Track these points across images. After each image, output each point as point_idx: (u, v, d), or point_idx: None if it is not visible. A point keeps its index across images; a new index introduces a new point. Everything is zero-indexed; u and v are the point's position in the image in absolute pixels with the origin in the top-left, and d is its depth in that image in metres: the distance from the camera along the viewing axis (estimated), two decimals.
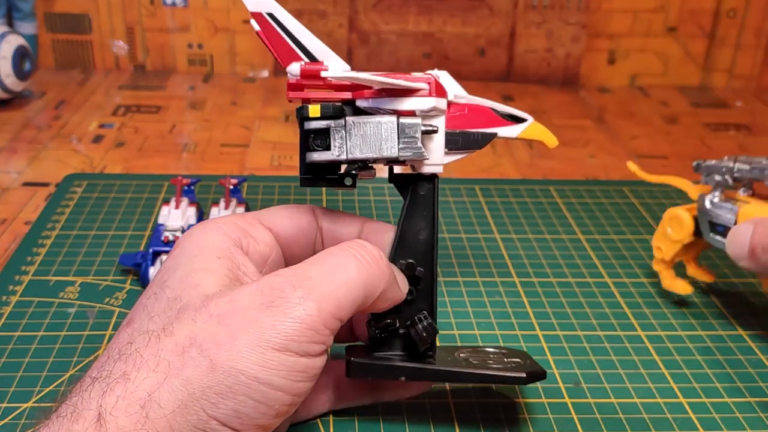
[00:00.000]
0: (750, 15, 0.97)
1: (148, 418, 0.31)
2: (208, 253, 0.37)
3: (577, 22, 0.96)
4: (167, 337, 0.33)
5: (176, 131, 0.81)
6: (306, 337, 0.33)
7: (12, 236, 0.60)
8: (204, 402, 0.32)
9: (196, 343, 0.32)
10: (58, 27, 0.95)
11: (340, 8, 0.94)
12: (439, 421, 0.43)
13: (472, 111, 0.40)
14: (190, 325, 0.33)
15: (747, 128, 0.88)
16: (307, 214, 0.41)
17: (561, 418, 0.43)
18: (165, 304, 0.35)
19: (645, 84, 1.00)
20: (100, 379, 0.32)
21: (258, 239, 0.39)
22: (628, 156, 0.79)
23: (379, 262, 0.36)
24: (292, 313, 0.33)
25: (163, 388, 0.31)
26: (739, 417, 0.44)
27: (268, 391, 0.32)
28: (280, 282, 0.34)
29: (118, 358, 0.33)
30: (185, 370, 0.32)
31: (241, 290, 0.34)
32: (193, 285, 0.35)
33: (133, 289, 0.53)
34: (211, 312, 0.33)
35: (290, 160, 0.75)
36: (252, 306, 0.33)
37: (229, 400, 0.32)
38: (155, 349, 0.32)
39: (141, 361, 0.32)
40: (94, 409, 0.31)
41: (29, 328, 0.49)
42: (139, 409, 0.31)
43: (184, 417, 0.31)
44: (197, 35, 0.96)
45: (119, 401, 0.31)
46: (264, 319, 0.33)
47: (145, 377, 0.32)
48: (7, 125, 0.80)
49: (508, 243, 0.61)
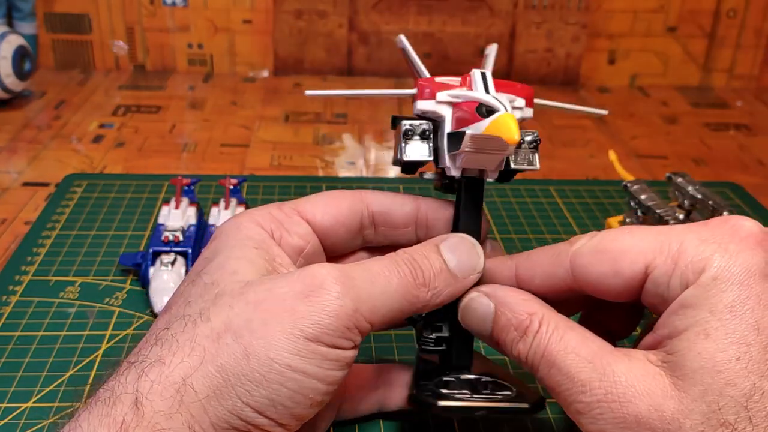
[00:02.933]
0: (750, 15, 0.97)
1: (182, 402, 0.31)
2: (245, 244, 0.36)
3: (577, 22, 0.96)
4: (203, 322, 0.33)
5: (176, 131, 0.81)
6: (338, 333, 0.33)
7: (12, 236, 0.60)
8: (239, 389, 0.32)
9: (231, 329, 0.32)
10: (58, 27, 0.95)
11: (340, 8, 0.94)
12: (439, 421, 0.42)
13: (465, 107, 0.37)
14: (226, 311, 0.33)
15: (747, 128, 0.88)
16: (350, 201, 0.40)
17: (561, 418, 0.43)
18: (202, 288, 0.34)
19: (645, 84, 1.00)
20: (137, 363, 0.32)
21: (292, 231, 0.38)
22: (628, 156, 0.79)
23: (420, 286, 0.35)
24: (328, 306, 0.33)
25: (197, 373, 0.31)
26: None
27: (302, 379, 0.32)
28: (323, 275, 0.33)
29: (155, 342, 0.33)
30: (220, 356, 0.32)
31: (281, 278, 0.34)
32: (230, 272, 0.35)
33: (133, 289, 0.53)
34: (249, 299, 0.33)
35: (290, 160, 0.75)
36: (290, 294, 0.33)
37: (263, 389, 0.32)
38: (191, 334, 0.32)
39: (176, 345, 0.32)
40: (131, 392, 0.31)
41: (29, 328, 0.49)
42: (174, 393, 0.31)
43: (219, 402, 0.32)
44: (197, 35, 0.96)
45: (154, 385, 0.31)
46: (300, 308, 0.32)
47: (180, 362, 0.32)
48: (7, 125, 0.80)
49: (508, 243, 0.61)
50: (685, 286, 0.32)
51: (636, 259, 0.33)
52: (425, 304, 0.36)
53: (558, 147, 0.81)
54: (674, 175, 0.51)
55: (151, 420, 0.30)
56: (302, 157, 0.76)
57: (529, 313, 0.35)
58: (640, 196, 0.50)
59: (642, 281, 0.34)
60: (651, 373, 0.32)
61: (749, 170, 0.77)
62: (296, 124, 0.84)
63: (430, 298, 0.36)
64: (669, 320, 0.32)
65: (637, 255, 0.33)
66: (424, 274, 0.36)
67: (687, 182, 0.50)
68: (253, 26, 0.96)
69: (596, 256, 0.35)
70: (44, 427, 0.41)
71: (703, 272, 0.32)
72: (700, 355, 0.30)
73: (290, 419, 0.33)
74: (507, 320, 0.36)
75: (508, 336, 0.35)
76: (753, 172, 0.77)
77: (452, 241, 0.37)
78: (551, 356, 0.33)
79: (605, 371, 0.32)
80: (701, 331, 0.31)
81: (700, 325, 0.31)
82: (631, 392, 0.31)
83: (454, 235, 0.38)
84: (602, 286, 0.35)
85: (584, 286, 0.35)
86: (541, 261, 0.37)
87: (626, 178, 0.54)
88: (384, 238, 0.41)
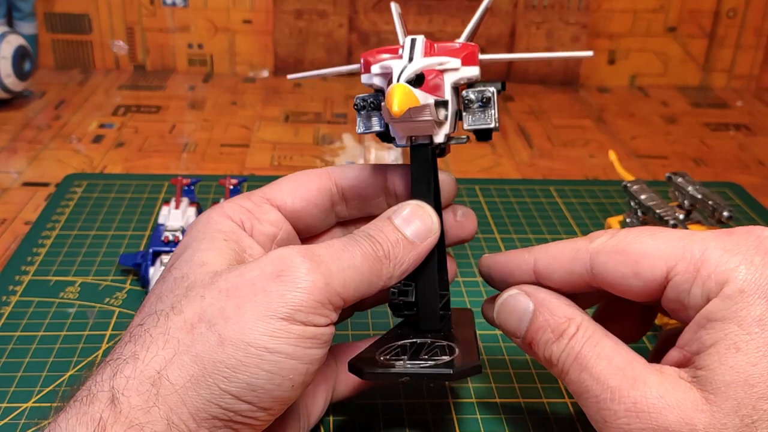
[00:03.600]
0: (750, 15, 0.97)
1: (159, 395, 0.31)
2: (214, 237, 0.36)
3: (577, 22, 0.96)
4: (176, 315, 0.33)
5: (176, 131, 0.81)
6: (312, 309, 0.33)
7: (12, 236, 0.60)
8: (217, 376, 0.31)
9: (205, 318, 0.32)
10: (58, 27, 0.95)
11: (340, 8, 0.95)
12: (439, 420, 0.43)
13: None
14: (198, 302, 0.33)
15: (747, 128, 0.88)
16: (318, 180, 0.40)
17: (561, 418, 0.43)
18: (172, 283, 0.35)
19: (645, 84, 1.00)
20: (112, 361, 0.32)
21: (263, 219, 0.39)
22: (629, 156, 0.79)
23: (382, 259, 0.36)
24: (300, 283, 0.33)
25: (172, 365, 0.31)
26: None
27: (279, 360, 0.32)
28: (290, 254, 0.33)
29: (129, 340, 0.33)
30: (195, 346, 0.32)
31: (251, 264, 0.34)
32: (199, 264, 0.35)
33: (133, 289, 0.53)
34: (220, 287, 0.33)
35: (290, 160, 0.75)
36: (260, 277, 0.33)
37: (241, 374, 0.32)
38: (164, 327, 0.32)
39: (150, 340, 0.32)
40: (107, 390, 0.31)
41: (29, 328, 0.49)
42: (150, 387, 0.31)
43: (197, 392, 0.31)
44: (197, 35, 0.96)
45: (129, 381, 0.31)
46: (272, 289, 0.32)
47: (153, 356, 0.32)
48: (7, 125, 0.80)
49: (508, 243, 0.61)
50: (707, 295, 0.32)
51: (657, 264, 0.33)
52: (390, 276, 0.36)
53: (558, 147, 0.81)
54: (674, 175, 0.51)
55: (129, 415, 0.30)
56: (302, 157, 0.76)
57: (568, 318, 0.35)
58: (640, 196, 0.50)
59: (662, 285, 0.34)
60: (682, 386, 0.32)
61: (749, 170, 0.77)
62: (296, 124, 0.84)
63: (394, 269, 0.36)
64: (696, 335, 0.32)
65: (658, 259, 0.33)
66: (383, 247, 0.36)
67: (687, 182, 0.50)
68: (253, 26, 0.96)
69: (617, 256, 0.35)
70: (44, 427, 0.41)
71: (726, 283, 0.31)
72: (731, 369, 0.30)
73: (272, 403, 0.33)
74: (545, 321, 0.36)
75: (543, 336, 0.36)
76: (753, 172, 0.77)
77: (403, 210, 0.37)
78: (584, 360, 0.34)
79: (636, 380, 0.32)
80: (731, 345, 0.31)
81: (730, 338, 0.31)
82: (662, 404, 0.31)
83: (404, 204, 0.38)
84: (622, 286, 0.35)
85: (603, 284, 0.35)
86: (560, 256, 0.37)
87: (626, 178, 0.54)
88: (357, 211, 0.41)
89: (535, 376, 0.46)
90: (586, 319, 0.35)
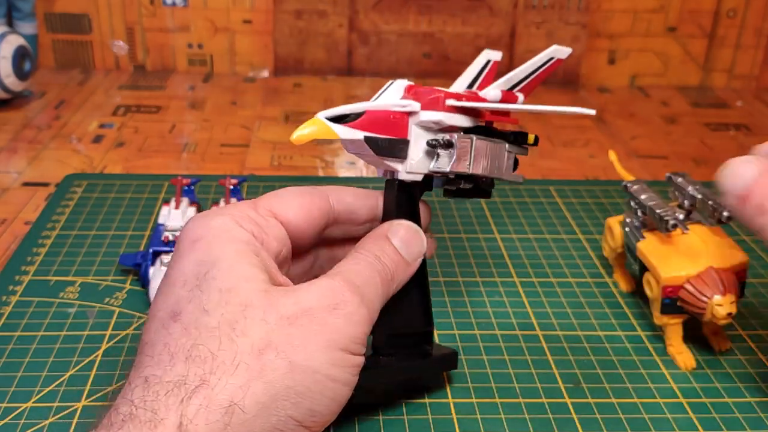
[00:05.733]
0: (750, 15, 0.97)
1: (229, 425, 0.31)
2: (243, 249, 0.36)
3: (577, 22, 0.96)
4: (239, 337, 0.33)
5: (176, 131, 0.81)
6: (360, 340, 0.36)
7: (12, 236, 0.60)
8: (284, 402, 0.33)
9: (272, 345, 0.33)
10: (58, 27, 0.95)
11: (340, 8, 0.94)
12: (440, 420, 0.43)
13: None
14: (262, 326, 0.33)
15: (747, 128, 0.88)
16: (319, 202, 0.41)
17: (561, 418, 0.43)
18: (218, 296, 0.34)
19: (645, 84, 1.00)
20: (176, 384, 0.32)
21: (271, 235, 0.39)
22: (629, 156, 0.79)
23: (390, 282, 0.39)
24: (353, 317, 0.35)
25: (245, 393, 0.32)
26: (739, 417, 0.44)
27: (338, 387, 0.34)
28: (340, 287, 0.36)
29: (186, 359, 0.32)
30: (265, 373, 0.32)
31: (303, 292, 0.35)
32: (244, 278, 0.35)
33: (133, 289, 0.53)
34: (281, 313, 0.34)
35: (290, 160, 0.75)
36: (318, 308, 0.35)
37: (306, 400, 0.33)
38: (230, 351, 0.33)
39: (216, 364, 0.32)
40: (174, 417, 0.31)
41: (29, 328, 0.49)
42: (221, 416, 0.31)
43: (265, 419, 0.32)
44: (197, 35, 0.96)
45: (200, 410, 0.31)
46: (330, 321, 0.34)
47: (225, 384, 0.32)
48: (7, 125, 0.80)
49: (508, 243, 0.61)
50: None
51: None
52: (390, 294, 0.39)
53: (558, 147, 0.81)
54: (674, 175, 0.51)
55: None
56: (302, 157, 0.76)
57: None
58: (640, 196, 0.50)
59: None
60: None
61: None
62: (296, 124, 0.83)
63: (395, 288, 0.39)
64: None
65: None
66: (390, 270, 0.39)
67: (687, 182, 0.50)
68: (253, 26, 0.96)
69: None
70: (44, 427, 0.41)
71: None
72: None
73: (320, 427, 0.35)
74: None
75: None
76: None
77: (398, 230, 0.40)
78: None
79: None
80: None
81: None
82: None
83: (398, 224, 0.40)
84: None
85: None
86: None
87: (626, 178, 0.54)
88: (342, 233, 0.42)
89: (535, 376, 0.46)
90: None
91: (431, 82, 0.48)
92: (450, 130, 0.41)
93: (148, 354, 0.34)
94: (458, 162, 0.40)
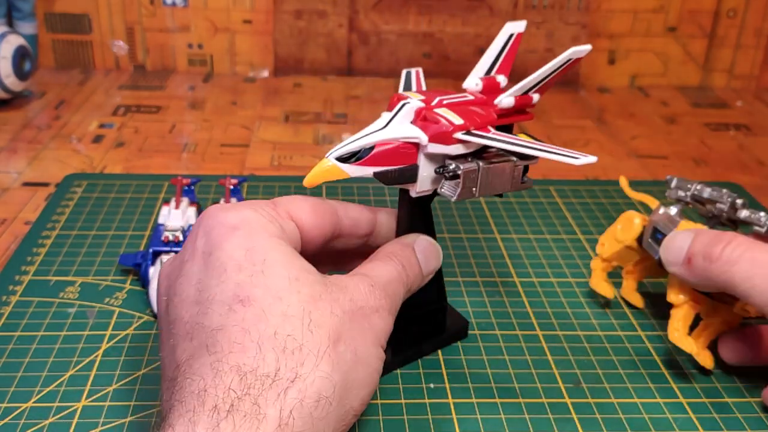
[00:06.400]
0: (750, 15, 0.97)
1: (317, 418, 0.32)
2: (283, 244, 0.37)
3: (577, 22, 0.96)
4: (318, 328, 0.34)
5: (176, 131, 0.81)
6: (387, 338, 0.39)
7: (12, 236, 0.60)
8: (352, 392, 0.35)
9: (342, 337, 0.35)
10: (58, 27, 0.95)
11: (340, 8, 0.94)
12: (440, 420, 0.43)
13: None
14: (333, 319, 0.35)
15: (747, 128, 0.88)
16: (332, 218, 0.41)
17: (561, 418, 0.43)
18: (287, 284, 0.35)
19: (645, 84, 1.00)
20: (271, 377, 0.32)
21: (290, 235, 0.39)
22: (628, 156, 0.79)
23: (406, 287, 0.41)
24: (387, 319, 0.38)
25: (331, 385, 0.33)
26: (739, 417, 0.44)
27: (377, 379, 0.37)
28: (380, 293, 0.38)
29: (272, 348, 0.33)
30: (341, 364, 0.34)
31: (354, 290, 0.37)
32: (305, 270, 0.36)
33: (133, 289, 0.53)
34: (344, 308, 0.36)
35: (290, 160, 0.75)
36: (366, 307, 0.37)
37: (363, 390, 0.36)
38: (313, 342, 0.34)
39: (302, 355, 0.33)
40: (273, 412, 0.31)
41: (29, 328, 0.49)
42: (313, 410, 0.32)
43: (340, 409, 0.34)
44: (197, 35, 0.96)
45: (296, 403, 0.32)
46: (374, 321, 0.37)
47: (314, 377, 0.33)
48: (7, 125, 0.80)
49: (508, 243, 0.61)
50: None
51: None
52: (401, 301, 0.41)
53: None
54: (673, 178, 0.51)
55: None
56: (302, 157, 0.76)
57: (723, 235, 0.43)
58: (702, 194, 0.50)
59: None
60: None
61: (749, 170, 0.77)
62: (296, 124, 0.84)
63: (406, 294, 0.42)
64: None
65: None
66: (409, 277, 0.41)
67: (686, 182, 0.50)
68: (253, 26, 0.96)
69: None
70: (44, 427, 0.41)
71: None
72: None
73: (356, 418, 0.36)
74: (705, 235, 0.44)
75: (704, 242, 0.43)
76: (753, 172, 0.77)
77: (423, 244, 0.43)
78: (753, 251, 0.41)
79: None
80: None
81: None
82: None
83: (422, 237, 0.43)
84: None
85: None
86: None
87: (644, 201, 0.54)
88: (342, 245, 0.43)
89: (535, 376, 0.46)
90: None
91: (431, 82, 0.48)
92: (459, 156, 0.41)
93: (225, 339, 0.33)
94: (463, 190, 0.40)
